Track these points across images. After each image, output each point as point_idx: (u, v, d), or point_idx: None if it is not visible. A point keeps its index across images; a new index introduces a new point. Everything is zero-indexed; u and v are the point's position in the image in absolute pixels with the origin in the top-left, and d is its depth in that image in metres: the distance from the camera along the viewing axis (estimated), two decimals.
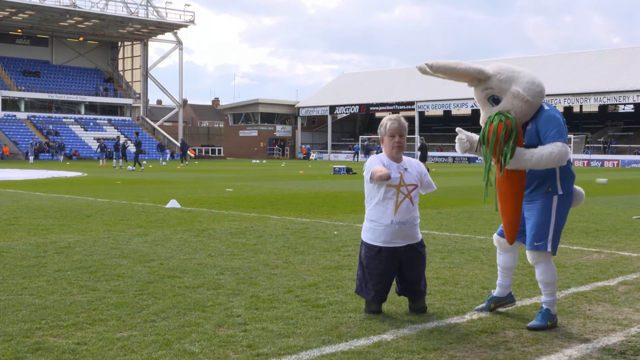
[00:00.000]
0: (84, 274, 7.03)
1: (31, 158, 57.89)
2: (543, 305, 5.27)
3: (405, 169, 5.56)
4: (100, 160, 48.18)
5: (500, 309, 5.67)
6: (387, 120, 5.63)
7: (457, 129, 5.61)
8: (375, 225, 5.55)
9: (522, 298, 6.14)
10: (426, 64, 5.18)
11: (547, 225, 5.20)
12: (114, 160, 44.13)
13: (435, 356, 4.45)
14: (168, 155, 50.99)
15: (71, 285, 6.45)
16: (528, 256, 5.33)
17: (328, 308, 5.66)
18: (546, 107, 5.22)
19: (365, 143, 51.09)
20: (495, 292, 5.66)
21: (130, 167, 39.88)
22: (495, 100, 5.24)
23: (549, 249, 5.22)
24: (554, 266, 5.35)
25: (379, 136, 5.70)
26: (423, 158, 31.44)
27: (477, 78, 5.25)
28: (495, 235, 5.71)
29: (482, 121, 5.40)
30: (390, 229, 5.48)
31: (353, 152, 55.78)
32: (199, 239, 9.65)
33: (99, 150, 50.58)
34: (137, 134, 42.54)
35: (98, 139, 61.27)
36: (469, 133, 5.63)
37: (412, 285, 5.60)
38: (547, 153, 5.00)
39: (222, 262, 7.82)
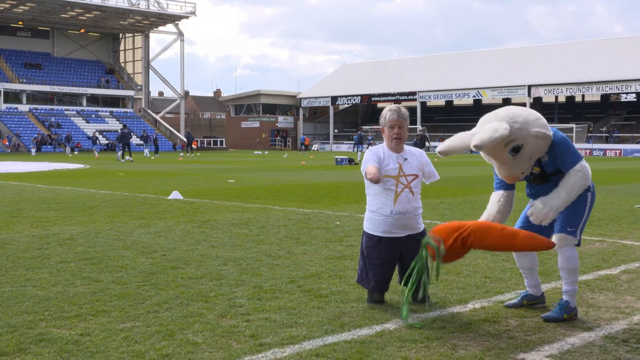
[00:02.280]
0: (87, 265, 7.05)
1: (33, 150, 57.74)
2: (563, 297, 5.21)
3: (405, 159, 5.54)
4: (95, 152, 47.82)
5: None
6: (387, 111, 5.62)
7: None
8: (375, 215, 5.56)
9: (524, 288, 6.13)
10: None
11: (581, 216, 5.19)
12: (145, 152, 43.94)
13: (438, 345, 4.45)
14: (148, 148, 49.85)
15: (74, 277, 6.46)
16: (554, 238, 5.21)
17: (331, 298, 5.67)
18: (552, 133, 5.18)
19: (359, 133, 51.08)
20: (529, 291, 5.56)
21: (129, 158, 39.62)
22: (515, 149, 5.07)
23: (578, 236, 5.20)
24: (577, 254, 5.28)
25: (380, 127, 5.70)
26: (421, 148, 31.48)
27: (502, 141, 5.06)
28: None
29: (505, 175, 5.22)
30: (390, 219, 5.48)
31: (353, 142, 56.05)
32: (201, 230, 9.66)
33: (92, 141, 50.17)
34: (125, 126, 42.27)
35: (100, 131, 61.08)
36: None
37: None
38: (570, 186, 5.04)
39: (224, 252, 7.83)
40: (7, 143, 64.31)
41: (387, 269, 5.56)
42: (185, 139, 62.45)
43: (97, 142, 48.92)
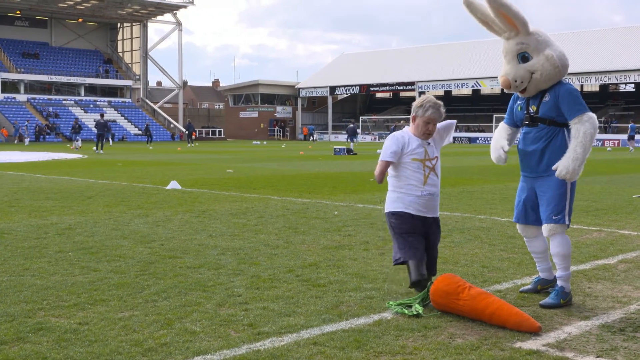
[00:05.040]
0: (85, 254, 7.06)
1: (27, 140, 56.90)
2: (558, 282, 5.28)
3: (429, 144, 5.56)
4: (74, 143, 45.66)
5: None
6: (430, 106, 5.46)
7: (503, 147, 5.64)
8: (405, 195, 5.49)
9: (522, 277, 6.16)
10: None
11: (564, 199, 5.25)
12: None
13: (435, 334, 4.47)
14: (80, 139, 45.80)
15: (72, 266, 6.47)
16: (544, 229, 5.32)
17: (328, 287, 5.68)
18: (564, 82, 5.30)
19: (352, 125, 50.73)
20: (542, 275, 5.63)
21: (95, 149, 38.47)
22: (524, 58, 5.25)
23: (567, 222, 5.27)
24: (569, 238, 5.36)
25: (412, 114, 5.57)
26: None
27: (516, 28, 5.23)
28: (518, 225, 5.66)
29: (501, 75, 5.37)
30: (422, 200, 5.47)
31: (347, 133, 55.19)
32: (199, 220, 9.66)
33: (72, 131, 47.24)
34: (102, 115, 40.85)
35: (97, 120, 60.24)
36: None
37: (432, 260, 5.59)
38: (582, 137, 5.09)
39: (222, 242, 7.83)
40: (11, 134, 63.82)
41: (422, 242, 5.50)
42: (185, 130, 61.98)
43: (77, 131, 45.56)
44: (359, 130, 68.24)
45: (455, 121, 5.93)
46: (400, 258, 5.41)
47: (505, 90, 5.49)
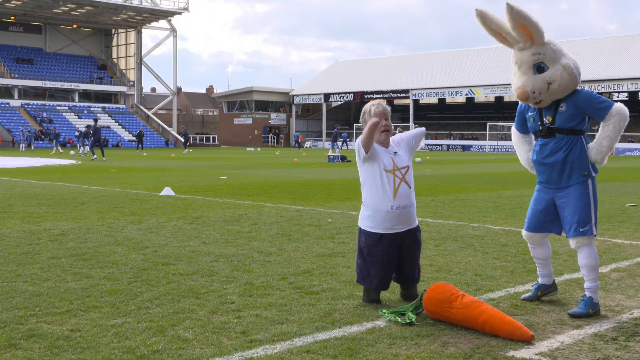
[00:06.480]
0: (78, 261, 7.03)
1: (22, 146, 56.59)
2: (586, 293, 5.26)
3: (395, 153, 5.51)
4: (54, 148, 45.87)
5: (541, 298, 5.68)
6: (371, 105, 5.56)
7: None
8: (375, 212, 5.44)
9: (515, 285, 6.16)
10: (507, 3, 5.04)
11: (589, 209, 5.24)
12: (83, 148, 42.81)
13: (428, 342, 4.47)
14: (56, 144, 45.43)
15: (65, 273, 6.45)
16: (571, 242, 5.30)
17: (322, 295, 5.67)
18: (578, 89, 5.30)
19: (334, 130, 50.85)
20: (541, 281, 5.63)
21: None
22: (540, 68, 5.19)
23: (594, 232, 5.27)
24: (596, 250, 5.36)
25: (362, 124, 5.60)
26: None
27: (532, 39, 5.18)
28: (524, 232, 5.65)
29: (518, 86, 5.28)
30: (392, 215, 5.40)
31: (341, 140, 55.29)
32: (193, 227, 9.65)
33: (54, 139, 47.47)
34: (96, 121, 40.15)
35: (93, 126, 59.65)
36: None
37: (408, 272, 5.56)
38: (609, 132, 5.16)
39: (216, 249, 7.82)
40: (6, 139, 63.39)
41: (390, 266, 5.47)
42: (182, 138, 61.79)
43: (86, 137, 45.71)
44: (344, 137, 68.15)
45: (424, 129, 5.86)
46: (359, 280, 5.57)
47: (520, 102, 5.43)
